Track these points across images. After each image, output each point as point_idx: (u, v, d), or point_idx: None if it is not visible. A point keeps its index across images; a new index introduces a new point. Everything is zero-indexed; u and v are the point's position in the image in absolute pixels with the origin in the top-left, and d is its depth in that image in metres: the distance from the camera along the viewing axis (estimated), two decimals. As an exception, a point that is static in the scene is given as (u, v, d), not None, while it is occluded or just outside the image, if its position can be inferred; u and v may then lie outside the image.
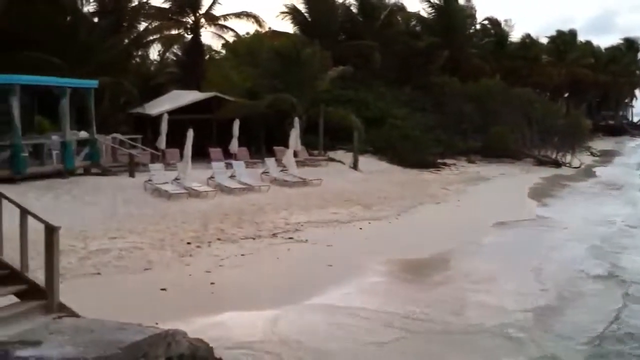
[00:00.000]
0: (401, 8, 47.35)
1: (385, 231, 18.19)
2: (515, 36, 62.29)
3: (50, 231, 7.51)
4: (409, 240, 16.94)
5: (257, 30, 40.73)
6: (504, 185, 29.57)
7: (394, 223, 19.42)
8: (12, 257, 7.99)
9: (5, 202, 7.68)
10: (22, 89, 20.60)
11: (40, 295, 7.48)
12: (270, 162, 25.81)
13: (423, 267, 14.75)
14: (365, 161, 30.22)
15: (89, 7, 32.83)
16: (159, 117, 27.37)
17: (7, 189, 7.74)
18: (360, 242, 16.75)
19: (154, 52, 40.74)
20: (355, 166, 29.20)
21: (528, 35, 64.37)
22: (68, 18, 30.69)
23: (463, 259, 15.60)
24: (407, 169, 30.94)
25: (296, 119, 28.29)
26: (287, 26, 42.63)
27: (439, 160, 33.88)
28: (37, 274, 7.94)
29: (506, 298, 12.40)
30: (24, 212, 7.57)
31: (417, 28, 49.32)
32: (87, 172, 22.64)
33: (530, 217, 21.72)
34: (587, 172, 37.97)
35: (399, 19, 47.07)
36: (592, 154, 48.05)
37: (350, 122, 30.69)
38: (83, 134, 23.73)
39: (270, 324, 10.49)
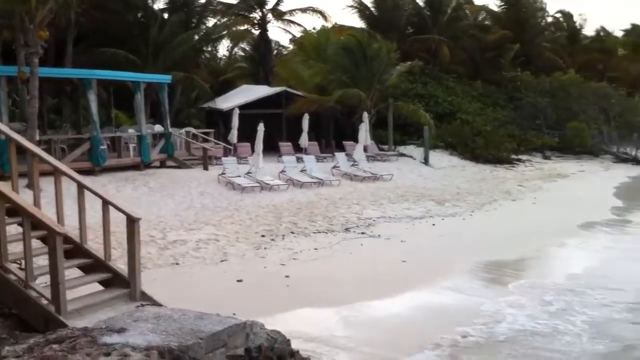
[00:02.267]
0: (468, 1, 46.52)
1: (460, 228, 17.71)
2: (588, 29, 60.30)
3: (132, 221, 7.52)
4: (485, 239, 16.38)
5: (323, 25, 40.79)
6: (584, 183, 28.34)
7: (468, 220, 18.93)
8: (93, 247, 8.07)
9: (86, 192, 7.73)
10: (98, 84, 21.14)
11: (123, 284, 7.50)
12: (340, 156, 25.68)
13: (506, 268, 14.02)
14: (436, 156, 29.79)
15: (159, 4, 33.52)
16: (230, 112, 27.65)
17: (88, 180, 7.77)
18: (435, 238, 16.35)
19: (223, 48, 41.32)
20: (426, 161, 28.79)
21: (603, 28, 62.13)
22: (139, 14, 31.37)
23: (550, 262, 14.68)
24: (480, 165, 30.32)
25: (365, 114, 28.07)
26: (354, 20, 42.58)
27: (513, 157, 33.00)
28: (117, 263, 8.02)
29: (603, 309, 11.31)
30: (106, 203, 7.60)
31: (486, 22, 48.33)
32: (162, 164, 23.08)
33: (619, 218, 20.34)
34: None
35: (467, 12, 46.21)
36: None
37: (420, 117, 30.34)
38: (158, 128, 24.17)
39: (345, 320, 10.28)
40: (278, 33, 39.90)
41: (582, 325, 10.31)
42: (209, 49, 38.66)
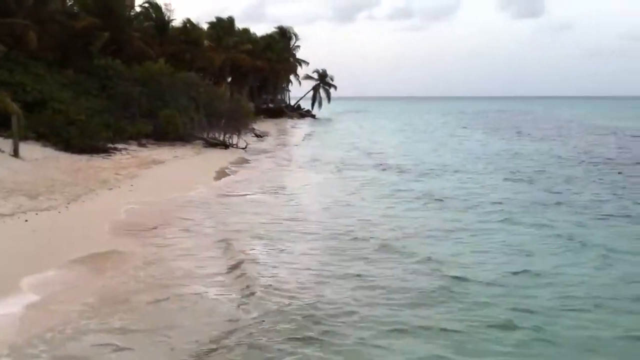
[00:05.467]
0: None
1: (56, 222, 17.01)
2: (177, 21, 63.22)
3: None
4: (82, 231, 16.18)
5: None
6: (180, 168, 30.19)
7: (64, 213, 18.30)
8: None
9: None
10: None
11: None
12: None
13: (100, 262, 14.07)
14: (27, 148, 27.90)
15: None
16: None
17: None
18: (28, 235, 15.45)
19: None
20: (16, 154, 26.81)
21: (189, 20, 65.72)
22: None
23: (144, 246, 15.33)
24: (76, 155, 29.38)
25: None
26: None
27: (110, 145, 32.81)
28: None
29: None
30: None
31: (75, 8, 46.97)
32: None
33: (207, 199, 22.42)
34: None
35: (55, -4, 44.20)
36: (256, 135, 51.30)
37: (6, 106, 28.10)
38: None
39: None
40: None
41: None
42: None
